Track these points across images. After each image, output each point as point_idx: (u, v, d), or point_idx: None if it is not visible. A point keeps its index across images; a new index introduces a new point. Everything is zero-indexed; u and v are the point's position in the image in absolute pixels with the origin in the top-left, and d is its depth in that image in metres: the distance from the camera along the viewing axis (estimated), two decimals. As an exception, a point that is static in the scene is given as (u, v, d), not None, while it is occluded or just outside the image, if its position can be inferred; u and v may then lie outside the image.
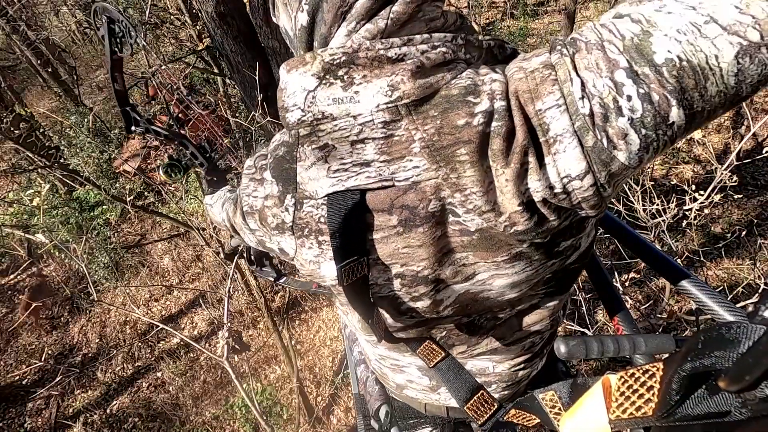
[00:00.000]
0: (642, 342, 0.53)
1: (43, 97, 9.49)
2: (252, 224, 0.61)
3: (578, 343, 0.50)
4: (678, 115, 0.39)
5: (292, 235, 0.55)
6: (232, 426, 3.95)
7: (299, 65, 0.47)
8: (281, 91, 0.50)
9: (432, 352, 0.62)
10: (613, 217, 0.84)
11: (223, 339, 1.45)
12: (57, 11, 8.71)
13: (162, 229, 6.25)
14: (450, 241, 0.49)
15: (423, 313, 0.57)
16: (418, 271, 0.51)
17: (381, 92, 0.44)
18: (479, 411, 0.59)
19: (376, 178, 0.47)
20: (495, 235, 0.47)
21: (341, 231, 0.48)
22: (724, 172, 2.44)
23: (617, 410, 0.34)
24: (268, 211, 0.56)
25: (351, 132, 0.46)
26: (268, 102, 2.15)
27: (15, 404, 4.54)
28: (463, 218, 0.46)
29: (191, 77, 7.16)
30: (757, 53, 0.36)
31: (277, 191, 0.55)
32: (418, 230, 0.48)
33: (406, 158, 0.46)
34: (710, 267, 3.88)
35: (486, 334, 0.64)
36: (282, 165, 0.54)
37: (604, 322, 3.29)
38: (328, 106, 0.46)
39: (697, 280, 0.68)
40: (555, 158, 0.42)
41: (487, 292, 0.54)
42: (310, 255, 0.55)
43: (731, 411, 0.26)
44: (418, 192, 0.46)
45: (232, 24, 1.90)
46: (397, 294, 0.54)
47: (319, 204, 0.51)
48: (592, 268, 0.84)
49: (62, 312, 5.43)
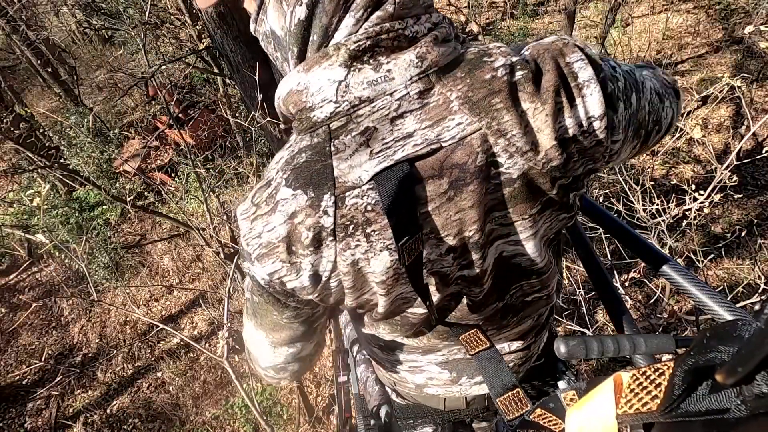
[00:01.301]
0: (642, 342, 0.53)
1: (43, 97, 9.50)
2: (268, 269, 0.53)
3: (578, 343, 0.50)
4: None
5: (333, 240, 0.51)
6: (232, 426, 3.95)
7: (321, 61, 0.48)
8: (299, 93, 0.49)
9: (476, 341, 0.62)
10: (613, 217, 0.84)
11: (223, 339, 1.45)
12: (57, 11, 8.71)
13: (162, 229, 6.26)
14: (492, 198, 0.52)
15: (468, 287, 0.59)
16: (469, 236, 0.53)
17: (412, 65, 0.47)
18: (510, 408, 0.59)
19: (422, 144, 0.49)
20: (533, 178, 0.51)
21: (396, 207, 0.48)
22: (724, 172, 2.44)
23: (625, 406, 0.34)
24: (300, 227, 0.50)
25: (390, 109, 0.48)
26: (268, 102, 2.14)
27: (15, 404, 4.54)
28: (506, 165, 0.50)
29: (191, 77, 7.16)
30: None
31: (307, 199, 0.50)
32: (468, 189, 0.50)
33: (447, 118, 0.49)
34: (710, 267, 3.89)
35: (516, 315, 0.67)
36: (309, 169, 0.50)
37: (604, 322, 3.29)
38: (363, 90, 0.48)
39: (697, 280, 0.68)
40: (584, 100, 0.50)
41: (519, 258, 0.59)
42: (357, 254, 0.52)
43: (731, 408, 0.27)
44: (466, 147, 0.49)
45: (232, 24, 1.90)
46: (446, 269, 0.55)
47: (364, 191, 0.49)
48: (592, 268, 0.84)
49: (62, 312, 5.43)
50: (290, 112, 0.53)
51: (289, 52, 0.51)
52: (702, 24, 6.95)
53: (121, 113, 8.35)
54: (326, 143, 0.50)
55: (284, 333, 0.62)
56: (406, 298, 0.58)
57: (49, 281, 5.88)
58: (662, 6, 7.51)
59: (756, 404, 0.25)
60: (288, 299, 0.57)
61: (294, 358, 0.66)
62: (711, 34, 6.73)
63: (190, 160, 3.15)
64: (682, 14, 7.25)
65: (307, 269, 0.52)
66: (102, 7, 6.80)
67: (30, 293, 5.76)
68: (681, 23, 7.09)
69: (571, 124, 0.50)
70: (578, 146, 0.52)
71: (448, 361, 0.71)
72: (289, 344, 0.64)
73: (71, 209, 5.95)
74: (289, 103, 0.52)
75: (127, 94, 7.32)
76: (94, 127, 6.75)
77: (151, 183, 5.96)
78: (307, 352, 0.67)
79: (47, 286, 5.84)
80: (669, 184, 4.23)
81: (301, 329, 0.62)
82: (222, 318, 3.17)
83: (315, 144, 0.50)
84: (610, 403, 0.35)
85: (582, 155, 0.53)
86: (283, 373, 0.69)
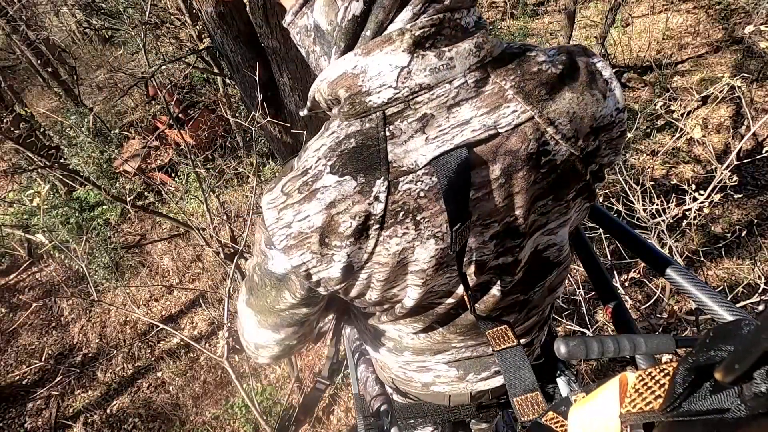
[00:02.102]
0: (642, 342, 0.53)
1: (43, 97, 9.50)
2: (295, 261, 0.52)
3: (578, 344, 0.50)
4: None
5: (378, 229, 0.50)
6: (232, 426, 3.95)
7: (383, 45, 0.48)
8: (354, 77, 0.49)
9: (504, 337, 0.62)
10: (612, 217, 0.84)
11: (223, 339, 1.45)
12: (57, 11, 8.71)
13: (162, 229, 6.26)
14: (538, 188, 0.54)
15: (500, 276, 0.60)
16: (513, 222, 0.55)
17: (471, 54, 0.49)
18: (526, 409, 0.60)
19: (480, 130, 0.49)
20: (573, 164, 0.54)
21: (453, 192, 0.48)
22: (724, 171, 2.44)
23: (629, 405, 0.34)
24: (341, 217, 0.49)
25: (448, 97, 0.49)
26: (268, 102, 2.14)
27: (15, 404, 4.54)
28: (553, 153, 0.52)
29: (191, 77, 7.16)
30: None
31: (357, 185, 0.49)
32: (518, 175, 0.52)
33: (503, 105, 0.50)
34: (710, 267, 3.89)
35: (530, 310, 0.68)
36: (359, 154, 0.49)
37: (604, 322, 3.29)
38: (425, 77, 0.48)
39: (697, 280, 0.68)
40: (613, 93, 0.54)
41: (551, 249, 0.61)
42: (403, 243, 0.51)
43: (731, 408, 0.27)
44: (520, 134, 0.50)
45: (232, 24, 1.89)
46: (485, 257, 0.57)
47: (419, 176, 0.49)
48: (592, 268, 0.84)
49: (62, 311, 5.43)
50: (334, 96, 0.52)
51: (333, 47, 0.51)
52: (702, 24, 6.95)
53: (121, 113, 8.35)
54: (380, 128, 0.49)
55: (272, 318, 0.62)
56: (436, 291, 0.58)
57: (49, 281, 5.88)
58: (662, 6, 7.51)
59: (755, 404, 0.25)
60: (301, 289, 0.56)
61: (276, 342, 0.66)
62: (711, 34, 6.73)
63: (190, 160, 3.15)
64: (682, 14, 7.25)
65: (340, 261, 0.52)
66: (102, 7, 6.80)
67: (30, 293, 5.76)
68: (681, 23, 7.09)
69: (605, 113, 0.54)
70: (607, 136, 0.55)
71: (456, 359, 0.72)
72: (273, 329, 0.64)
73: (71, 209, 5.95)
74: (340, 86, 0.50)
75: (127, 94, 7.32)
76: (94, 127, 6.75)
77: (151, 183, 5.96)
78: (290, 342, 0.67)
79: (47, 286, 5.84)
80: (669, 184, 4.23)
81: (289, 320, 0.62)
82: (222, 318, 3.17)
83: (367, 129, 0.49)
84: (614, 401, 0.36)
85: (608, 145, 0.56)
86: (263, 352, 0.69)
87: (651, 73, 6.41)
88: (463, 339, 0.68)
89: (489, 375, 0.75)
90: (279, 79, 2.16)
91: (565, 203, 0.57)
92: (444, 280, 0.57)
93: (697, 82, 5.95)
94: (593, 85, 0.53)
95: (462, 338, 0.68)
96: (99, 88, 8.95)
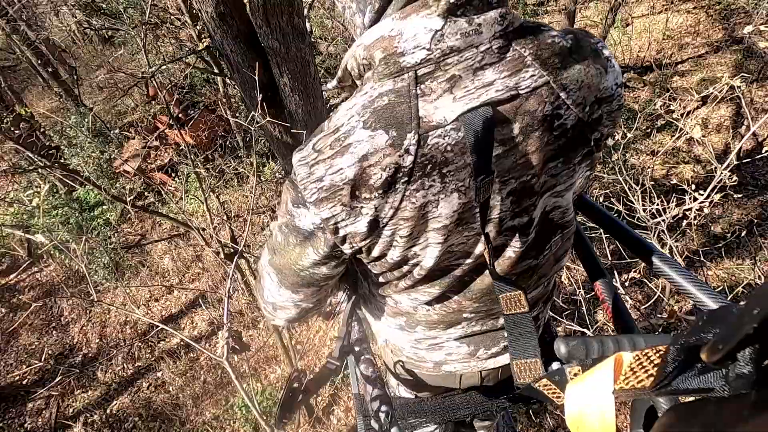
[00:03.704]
0: (642, 342, 0.53)
1: (43, 97, 9.50)
2: (325, 213, 0.56)
3: (578, 343, 0.50)
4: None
5: (406, 182, 0.53)
6: (233, 426, 3.95)
7: (420, 9, 0.53)
8: (391, 39, 0.53)
9: (516, 303, 0.64)
10: (613, 217, 0.84)
11: (223, 339, 1.45)
12: (57, 11, 8.71)
13: (162, 229, 6.26)
14: (551, 149, 0.58)
15: (514, 237, 0.63)
16: (528, 181, 0.58)
17: (496, 22, 0.53)
18: (523, 372, 0.63)
19: (503, 90, 0.53)
20: (582, 129, 0.58)
21: (478, 146, 0.51)
22: (724, 171, 2.44)
23: (622, 383, 0.36)
24: (373, 169, 0.53)
25: (475, 60, 0.53)
26: (268, 102, 2.14)
27: (15, 404, 4.54)
28: (564, 117, 0.57)
29: (191, 77, 7.16)
30: None
31: (388, 138, 0.52)
32: (534, 135, 0.56)
33: (523, 70, 0.54)
34: (710, 267, 3.88)
35: (540, 277, 0.71)
36: (392, 110, 0.53)
37: (604, 322, 3.29)
38: (456, 41, 0.52)
39: (696, 279, 0.68)
40: (613, 68, 0.59)
41: (556, 211, 0.65)
42: (429, 195, 0.55)
43: (715, 388, 0.28)
44: (537, 96, 0.54)
45: (232, 24, 1.89)
46: (502, 215, 0.60)
47: (447, 131, 0.53)
48: (592, 268, 0.84)
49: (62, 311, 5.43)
50: (369, 59, 0.55)
51: (369, 5, 0.56)
52: (702, 24, 6.95)
53: (121, 113, 8.35)
54: (412, 87, 0.52)
55: (293, 278, 0.66)
56: (454, 252, 0.61)
57: (49, 281, 5.88)
58: (662, 6, 7.51)
59: (737, 384, 0.26)
60: (325, 246, 0.60)
61: (293, 303, 0.70)
62: (711, 34, 6.73)
63: (190, 160, 3.15)
64: (682, 14, 7.25)
65: (368, 214, 0.56)
66: (102, 7, 6.80)
67: (30, 293, 5.76)
68: (681, 23, 7.09)
69: (607, 86, 0.58)
70: (607, 107, 0.60)
71: (467, 335, 0.75)
72: (293, 289, 0.68)
73: (71, 209, 5.95)
74: (376, 48, 0.54)
75: (127, 94, 7.32)
76: (94, 127, 6.75)
77: (151, 183, 5.96)
78: (307, 304, 0.71)
79: (47, 286, 5.84)
80: (669, 184, 4.23)
81: (309, 280, 0.66)
82: (222, 318, 3.16)
83: (399, 87, 0.53)
84: (609, 379, 0.37)
85: (608, 117, 0.61)
86: (280, 313, 0.74)
87: (651, 73, 6.41)
88: (477, 307, 0.70)
89: (498, 350, 0.78)
90: (279, 79, 2.16)
91: (572, 166, 0.61)
92: (462, 238, 0.60)
93: (697, 82, 5.95)
94: (597, 60, 0.58)
95: (476, 305, 0.70)
96: (99, 88, 8.95)
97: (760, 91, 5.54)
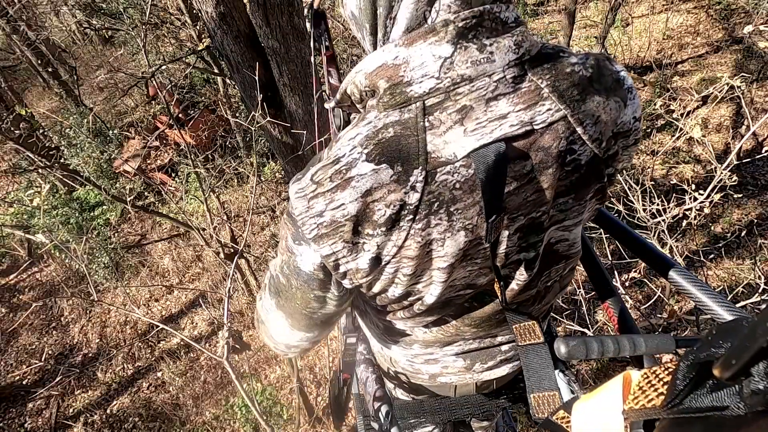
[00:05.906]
0: (642, 342, 0.53)
1: (43, 97, 9.50)
2: (325, 250, 0.53)
3: (578, 344, 0.50)
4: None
5: (411, 220, 0.51)
6: (233, 426, 3.96)
7: (427, 36, 0.49)
8: (396, 68, 0.49)
9: (530, 333, 0.63)
10: (613, 217, 0.84)
11: (223, 339, 1.45)
12: (57, 11, 8.71)
13: (162, 229, 6.26)
14: (562, 185, 0.55)
15: (519, 270, 0.61)
16: (536, 218, 0.56)
17: (510, 50, 0.49)
18: (541, 407, 0.61)
19: (518, 125, 0.50)
20: (595, 165, 0.56)
21: (490, 184, 0.49)
22: (724, 171, 2.44)
23: (632, 402, 0.35)
24: (376, 205, 0.50)
25: (487, 90, 0.49)
26: (268, 102, 2.14)
27: (15, 404, 4.55)
28: (579, 152, 0.54)
29: (191, 77, 7.16)
30: None
31: (393, 174, 0.49)
32: (548, 171, 0.53)
33: (539, 103, 0.51)
34: (710, 267, 3.89)
35: (540, 302, 0.70)
36: (397, 143, 0.49)
37: (604, 322, 3.29)
38: (467, 69, 0.48)
39: (696, 280, 0.68)
40: (633, 102, 0.56)
41: (562, 243, 0.63)
42: (435, 234, 0.52)
43: (730, 406, 0.27)
44: (553, 132, 0.52)
45: (232, 24, 1.89)
46: (508, 250, 0.58)
47: (456, 168, 0.50)
48: (592, 268, 0.84)
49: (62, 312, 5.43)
50: (372, 87, 0.52)
51: (362, 29, 0.54)
52: (702, 24, 6.95)
53: (121, 113, 8.35)
54: (419, 119, 0.49)
55: (305, 321, 0.64)
56: (455, 285, 0.60)
57: (49, 281, 5.88)
58: (662, 6, 7.51)
59: (753, 401, 0.25)
60: (328, 285, 0.58)
61: (309, 341, 0.69)
62: (711, 34, 6.73)
63: (190, 160, 3.15)
64: (682, 14, 7.25)
65: (370, 251, 0.53)
66: (102, 7, 6.81)
67: (30, 293, 5.76)
68: (681, 23, 7.10)
69: (625, 120, 0.56)
70: (624, 142, 0.57)
71: (464, 351, 0.73)
72: (307, 330, 0.66)
73: (71, 209, 5.95)
74: (379, 77, 0.51)
75: (127, 94, 7.32)
76: (94, 127, 6.75)
77: (151, 183, 5.96)
78: (321, 337, 0.71)
79: (47, 286, 5.84)
80: (669, 184, 4.23)
81: (322, 319, 0.64)
82: (222, 318, 3.16)
83: (406, 119, 0.50)
84: (617, 398, 0.36)
85: (624, 152, 0.59)
86: (294, 350, 0.72)
87: (651, 73, 6.41)
88: (475, 332, 0.69)
89: (495, 364, 0.76)
90: (279, 79, 2.16)
91: (583, 203, 0.59)
92: (465, 272, 0.58)
93: (697, 82, 5.95)
94: (618, 92, 0.54)
95: (474, 330, 0.69)
96: (99, 88, 8.95)
97: (760, 91, 5.54)
